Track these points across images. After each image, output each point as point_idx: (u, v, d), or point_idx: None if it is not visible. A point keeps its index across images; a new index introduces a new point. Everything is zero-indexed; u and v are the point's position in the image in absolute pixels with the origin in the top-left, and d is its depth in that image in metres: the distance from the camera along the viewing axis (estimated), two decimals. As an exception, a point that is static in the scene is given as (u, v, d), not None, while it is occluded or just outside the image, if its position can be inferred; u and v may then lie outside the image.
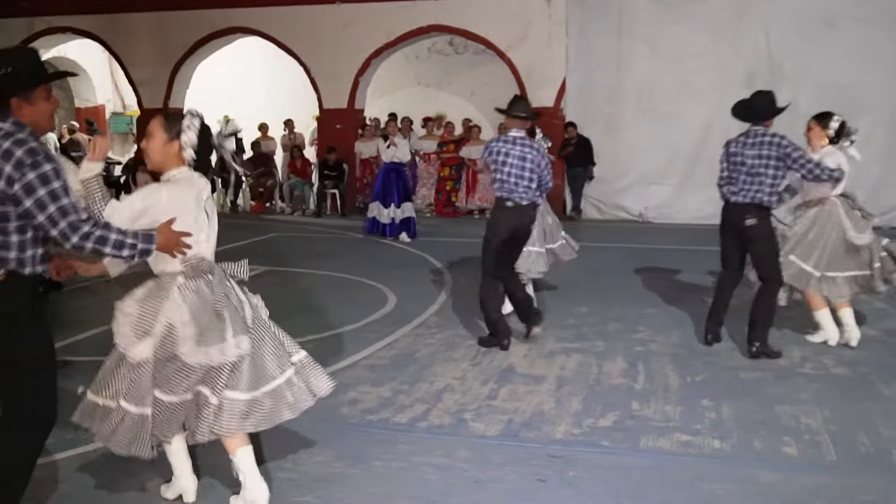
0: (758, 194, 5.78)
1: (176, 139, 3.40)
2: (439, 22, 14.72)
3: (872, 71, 12.04)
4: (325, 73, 15.50)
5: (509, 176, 6.04)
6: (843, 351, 5.88)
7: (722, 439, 4.29)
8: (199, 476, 3.73)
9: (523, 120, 6.29)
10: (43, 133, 3.25)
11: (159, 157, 3.44)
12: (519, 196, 6.03)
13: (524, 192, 6.03)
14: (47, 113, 3.17)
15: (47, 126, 3.26)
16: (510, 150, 6.07)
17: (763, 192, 5.77)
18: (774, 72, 12.78)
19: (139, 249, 3.13)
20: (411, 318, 6.96)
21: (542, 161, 6.12)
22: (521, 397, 4.96)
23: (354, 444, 4.24)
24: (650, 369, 5.51)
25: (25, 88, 3.06)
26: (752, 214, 5.81)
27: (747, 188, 5.82)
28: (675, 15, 13.22)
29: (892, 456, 4.05)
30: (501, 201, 6.10)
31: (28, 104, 3.07)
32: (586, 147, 13.79)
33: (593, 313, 7.11)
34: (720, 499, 3.61)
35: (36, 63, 3.15)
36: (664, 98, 13.07)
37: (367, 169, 14.57)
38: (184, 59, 16.29)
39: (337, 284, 8.54)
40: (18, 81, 3.05)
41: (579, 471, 3.90)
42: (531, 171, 6.03)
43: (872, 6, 12.24)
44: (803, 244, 6.03)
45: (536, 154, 6.09)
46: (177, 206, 3.33)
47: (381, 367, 5.62)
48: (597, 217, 14.03)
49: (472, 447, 4.19)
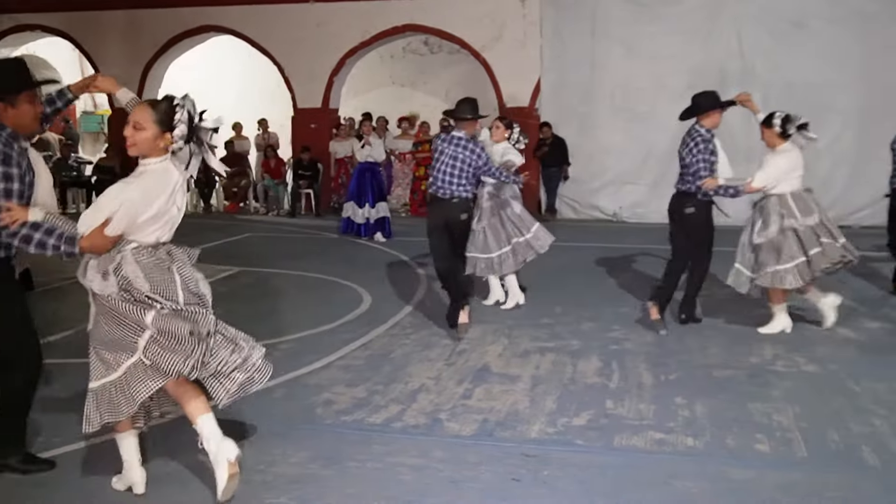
0: (684, 184, 6.38)
1: (168, 132, 3.43)
2: (414, 21, 14.71)
3: (842, 71, 12.21)
4: (299, 72, 15.43)
5: (438, 172, 6.52)
6: (814, 349, 5.95)
7: (695, 437, 4.32)
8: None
9: (468, 121, 6.60)
10: (27, 133, 3.61)
11: (146, 148, 3.45)
12: (443, 191, 6.47)
13: (448, 187, 6.45)
14: (30, 115, 3.54)
15: (31, 127, 3.60)
16: (444, 149, 6.55)
17: (687, 181, 6.35)
18: (747, 72, 12.92)
19: (62, 251, 3.37)
20: (386, 318, 6.94)
21: (478, 161, 6.49)
22: (496, 397, 4.96)
23: (329, 445, 4.22)
24: (624, 368, 5.54)
25: (10, 94, 3.46)
26: (690, 203, 6.34)
27: (684, 178, 6.41)
28: (648, 16, 13.32)
29: (861, 452, 4.09)
30: (430, 195, 6.69)
31: (12, 108, 3.47)
32: (561, 147, 13.85)
33: (568, 312, 7.14)
34: (694, 496, 3.64)
35: (21, 71, 3.54)
36: (638, 98, 13.16)
37: (342, 169, 14.53)
38: (156, 58, 16.15)
39: (311, 285, 8.50)
40: (3, 88, 3.44)
41: (554, 470, 3.90)
42: (461, 170, 6.44)
43: (842, 7, 12.41)
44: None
45: (470, 154, 6.47)
46: (150, 201, 3.40)
47: (356, 367, 5.60)
48: (571, 217, 14.09)
49: (447, 447, 4.18)
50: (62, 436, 4.27)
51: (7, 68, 3.58)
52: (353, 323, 6.83)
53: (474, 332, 6.48)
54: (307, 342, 6.21)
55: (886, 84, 12.20)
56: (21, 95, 3.51)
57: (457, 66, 16.55)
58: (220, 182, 15.99)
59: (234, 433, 4.30)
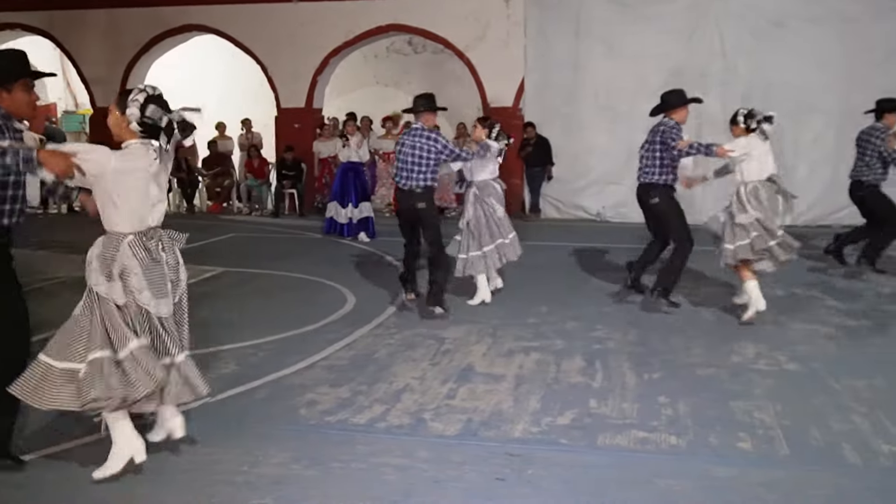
0: (651, 175, 7.00)
1: (123, 113, 3.77)
2: (398, 21, 14.70)
3: (823, 72, 12.30)
4: (282, 72, 15.38)
5: (399, 162, 7.04)
6: (795, 347, 5.99)
7: (678, 436, 4.34)
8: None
9: (424, 112, 7.12)
10: (21, 118, 3.91)
11: (115, 131, 3.85)
12: (404, 182, 6.99)
13: (406, 177, 6.95)
14: (24, 102, 3.86)
15: (25, 113, 3.92)
16: (405, 140, 7.05)
17: (653, 173, 6.98)
18: (729, 72, 13.02)
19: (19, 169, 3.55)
20: (370, 318, 6.93)
21: (436, 146, 6.93)
22: (480, 396, 4.97)
23: (312, 446, 4.20)
24: (608, 367, 5.56)
25: (7, 81, 3.80)
26: (654, 193, 7.01)
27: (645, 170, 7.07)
28: (632, 16, 13.36)
29: (842, 450, 4.13)
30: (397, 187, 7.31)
31: (7, 94, 3.81)
32: (545, 147, 13.88)
33: (552, 312, 7.15)
34: (677, 495, 3.65)
35: (19, 62, 3.90)
36: (621, 98, 13.19)
37: (326, 169, 14.48)
38: (138, 57, 16.03)
39: (295, 285, 8.47)
40: (1, 74, 3.78)
41: (538, 469, 3.91)
42: (420, 157, 6.89)
43: (822, 8, 12.50)
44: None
45: (427, 142, 6.93)
46: (125, 177, 3.68)
47: (340, 367, 5.58)
48: (555, 216, 14.12)
49: (432, 447, 4.18)
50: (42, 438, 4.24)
51: (6, 57, 3.92)
52: (336, 323, 6.81)
53: (458, 331, 6.49)
54: (291, 343, 6.18)
55: (866, 84, 12.25)
56: (17, 83, 3.83)
57: (441, 66, 16.54)
58: (203, 182, 15.92)
59: (216, 434, 4.30)
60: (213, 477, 3.82)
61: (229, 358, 5.63)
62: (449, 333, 6.43)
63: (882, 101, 8.59)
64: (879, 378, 5.24)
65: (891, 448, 4.13)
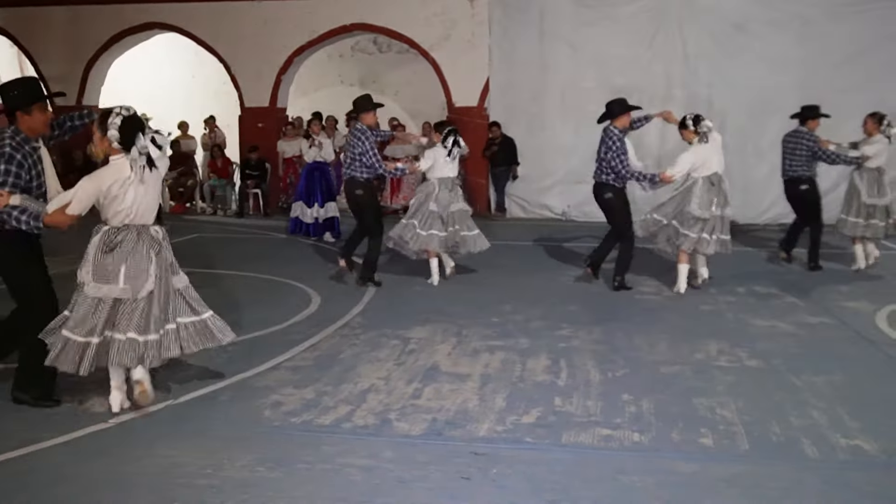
0: (600, 175, 7.84)
1: (105, 135, 4.43)
2: (362, 21, 14.64)
3: (782, 73, 12.47)
4: (246, 71, 15.24)
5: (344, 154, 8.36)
6: (756, 344, 6.08)
7: (642, 432, 4.38)
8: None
9: (363, 113, 8.14)
10: (37, 135, 4.68)
11: (100, 149, 4.54)
12: (345, 173, 8.23)
13: (347, 169, 8.17)
14: (41, 121, 4.66)
15: (41, 130, 4.70)
16: (348, 137, 8.34)
17: (604, 173, 7.80)
18: (691, 73, 13.18)
19: (31, 226, 4.45)
20: (335, 318, 6.90)
21: (358, 147, 7.98)
22: (446, 396, 4.97)
23: (277, 448, 4.18)
24: (573, 366, 5.59)
25: (27, 105, 4.58)
26: (607, 191, 7.83)
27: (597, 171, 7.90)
28: (595, 16, 13.45)
29: (801, 444, 4.20)
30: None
31: (27, 115, 4.60)
32: (510, 147, 13.91)
33: (517, 311, 7.18)
34: (640, 491, 3.69)
35: (35, 87, 4.80)
36: (586, 98, 13.24)
37: (290, 168, 14.37)
38: (98, 56, 15.79)
39: (259, 286, 8.41)
40: (23, 100, 4.58)
41: (503, 468, 3.92)
42: (351, 152, 8.09)
43: (781, 11, 12.69)
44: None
45: (355, 140, 8.04)
46: (100, 186, 4.43)
47: (305, 368, 5.55)
48: (521, 216, 14.17)
49: (397, 447, 4.18)
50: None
51: (24, 84, 4.79)
52: (301, 324, 6.77)
53: (424, 331, 6.49)
54: (255, 344, 6.13)
55: (824, 86, 12.49)
56: (35, 105, 4.60)
57: (406, 66, 16.54)
58: (165, 182, 15.72)
59: (178, 437, 4.26)
60: (175, 481, 3.78)
61: (192, 360, 5.57)
62: (414, 333, 6.43)
63: (806, 108, 9.14)
64: (838, 374, 5.34)
65: (848, 442, 4.22)
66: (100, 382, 4.95)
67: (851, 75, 12.38)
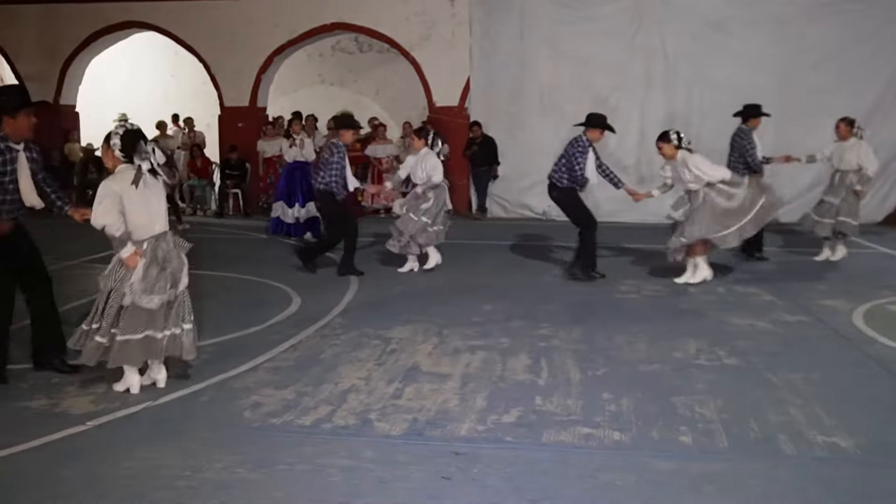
0: (554, 176, 8.49)
1: (109, 147, 4.79)
2: (343, 20, 14.61)
3: (760, 73, 12.55)
4: (225, 70, 15.17)
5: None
6: (735, 342, 6.12)
7: (621, 431, 4.40)
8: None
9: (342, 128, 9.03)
10: (22, 140, 5.01)
11: (107, 162, 4.90)
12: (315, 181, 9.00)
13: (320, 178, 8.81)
14: (25, 126, 4.99)
15: (26, 135, 5.03)
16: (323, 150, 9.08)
17: (561, 174, 8.43)
18: (670, 72, 13.25)
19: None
20: (316, 318, 6.88)
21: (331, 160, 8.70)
22: (426, 396, 4.97)
23: (257, 449, 4.16)
24: (553, 365, 5.61)
25: (13, 111, 4.91)
26: (554, 191, 8.58)
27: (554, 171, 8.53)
28: (575, 17, 13.50)
29: (778, 441, 4.23)
30: None
31: (13, 120, 4.92)
32: (491, 146, 13.93)
33: (498, 310, 7.19)
34: (620, 489, 3.70)
35: (21, 93, 5.27)
36: (565, 98, 13.32)
37: (271, 168, 14.32)
38: (76, 54, 15.67)
39: (240, 286, 8.37)
40: (8, 105, 4.92)
41: (483, 467, 3.93)
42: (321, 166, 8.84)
43: (757, 11, 12.80)
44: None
45: (331, 156, 8.70)
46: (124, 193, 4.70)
47: (285, 369, 5.53)
48: (502, 215, 14.19)
49: (377, 447, 4.17)
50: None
51: (11, 91, 5.38)
52: (282, 324, 6.75)
53: (405, 331, 6.48)
54: (234, 344, 6.11)
55: (801, 85, 12.64)
56: (20, 111, 4.93)
57: (386, 65, 16.52)
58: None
59: (157, 439, 4.23)
60: (154, 482, 3.75)
61: (172, 360, 5.52)
62: (395, 333, 6.42)
63: (748, 107, 9.47)
64: (816, 372, 5.39)
65: (825, 439, 4.26)
66: (76, 384, 4.92)
67: (826, 75, 12.52)
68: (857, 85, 12.51)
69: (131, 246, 4.75)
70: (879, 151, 12.95)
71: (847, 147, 9.23)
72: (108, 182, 4.76)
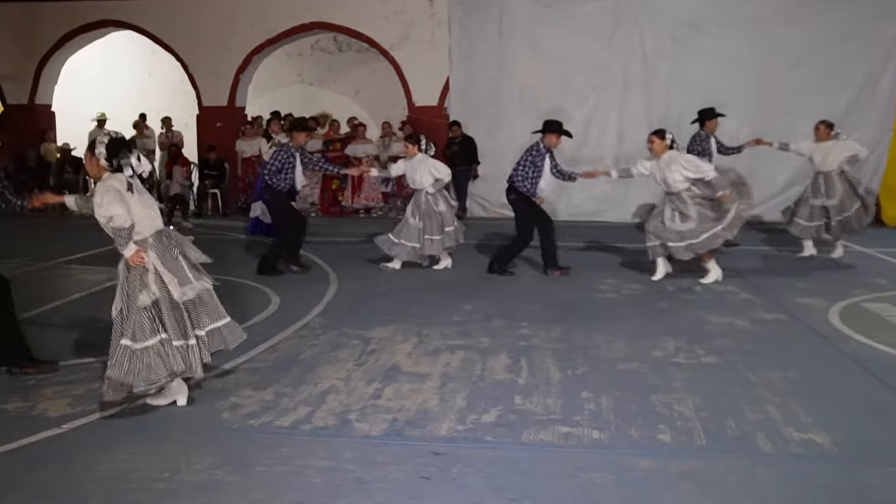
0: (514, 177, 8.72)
1: (94, 156, 4.66)
2: (321, 19, 14.57)
3: (737, 73, 12.66)
4: (204, 69, 15.08)
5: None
6: (713, 341, 6.16)
7: (601, 430, 4.42)
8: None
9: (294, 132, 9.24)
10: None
11: (93, 171, 4.77)
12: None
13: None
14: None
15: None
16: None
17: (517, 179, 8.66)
18: (648, 72, 13.31)
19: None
20: (295, 319, 6.85)
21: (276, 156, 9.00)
22: (406, 396, 4.96)
23: (236, 450, 4.13)
24: (532, 364, 5.62)
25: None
26: (511, 193, 8.79)
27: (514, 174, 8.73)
28: (555, 17, 13.53)
29: (756, 439, 4.27)
30: None
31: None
32: (470, 146, 13.93)
33: (478, 310, 7.20)
34: (599, 487, 3.72)
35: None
36: (544, 97, 13.35)
37: (250, 168, 14.25)
38: (51, 53, 15.52)
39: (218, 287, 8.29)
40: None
41: (463, 467, 3.93)
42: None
43: (735, 12, 12.88)
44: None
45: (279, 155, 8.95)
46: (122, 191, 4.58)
47: (264, 370, 5.50)
48: (482, 215, 14.19)
49: (357, 447, 4.16)
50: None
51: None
52: (260, 325, 6.71)
53: (384, 331, 6.47)
54: (213, 345, 6.06)
55: (778, 85, 12.75)
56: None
57: (366, 65, 16.49)
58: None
59: (135, 441, 4.20)
60: (131, 485, 3.72)
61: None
62: (375, 333, 6.41)
63: (701, 112, 9.82)
64: (792, 369, 5.43)
65: (801, 436, 4.29)
66: (53, 387, 4.87)
67: (804, 76, 12.63)
68: (833, 85, 12.64)
69: (133, 245, 4.55)
70: (855, 151, 13.11)
71: (827, 148, 9.38)
72: (107, 181, 4.63)
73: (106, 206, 4.50)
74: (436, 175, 8.95)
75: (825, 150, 9.39)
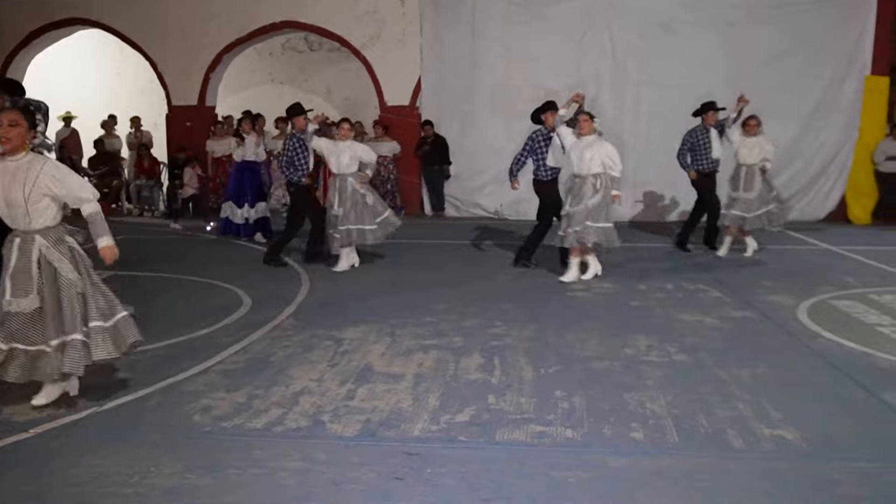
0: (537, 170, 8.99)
1: (33, 129, 4.50)
2: (292, 18, 14.50)
3: (708, 73, 12.78)
4: (173, 68, 14.94)
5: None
6: (684, 339, 6.21)
7: (574, 428, 4.43)
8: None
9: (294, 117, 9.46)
10: None
11: (19, 143, 4.43)
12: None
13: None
14: None
15: None
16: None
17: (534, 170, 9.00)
18: (619, 72, 13.39)
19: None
20: (266, 320, 6.80)
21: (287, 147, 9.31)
22: (379, 396, 4.94)
23: (207, 453, 4.09)
24: (506, 363, 5.62)
25: None
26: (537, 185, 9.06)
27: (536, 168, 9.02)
28: (526, 16, 13.58)
29: (727, 435, 4.30)
30: None
31: None
32: (442, 146, 13.94)
33: (451, 310, 7.19)
34: (573, 486, 3.73)
35: None
36: (516, 97, 13.38)
37: (220, 168, 14.13)
38: (17, 51, 15.30)
39: (188, 288, 8.23)
40: None
41: (436, 467, 3.92)
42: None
43: (704, 13, 13.03)
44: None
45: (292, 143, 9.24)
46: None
47: (235, 371, 5.45)
48: (454, 215, 14.21)
49: (330, 449, 4.14)
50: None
51: None
52: (231, 326, 6.65)
53: (357, 332, 6.44)
54: (183, 347, 6.00)
55: (749, 85, 12.82)
56: None
57: (337, 64, 16.44)
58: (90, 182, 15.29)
59: (104, 445, 4.14)
60: (100, 490, 3.67)
61: (118, 364, 5.41)
62: (347, 334, 6.38)
63: (704, 105, 10.24)
64: (762, 366, 5.49)
65: (772, 432, 4.34)
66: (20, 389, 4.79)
67: (772, 76, 12.78)
68: (800, 85, 12.81)
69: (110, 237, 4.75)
70: (822, 150, 13.32)
71: (753, 143, 9.76)
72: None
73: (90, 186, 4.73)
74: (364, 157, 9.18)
75: (751, 145, 9.77)
